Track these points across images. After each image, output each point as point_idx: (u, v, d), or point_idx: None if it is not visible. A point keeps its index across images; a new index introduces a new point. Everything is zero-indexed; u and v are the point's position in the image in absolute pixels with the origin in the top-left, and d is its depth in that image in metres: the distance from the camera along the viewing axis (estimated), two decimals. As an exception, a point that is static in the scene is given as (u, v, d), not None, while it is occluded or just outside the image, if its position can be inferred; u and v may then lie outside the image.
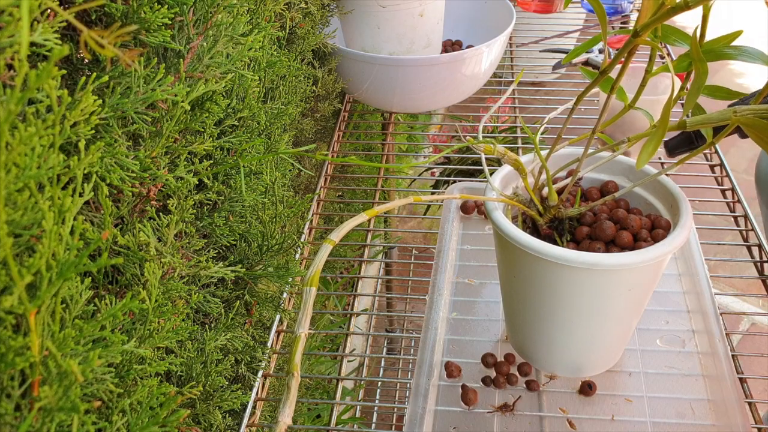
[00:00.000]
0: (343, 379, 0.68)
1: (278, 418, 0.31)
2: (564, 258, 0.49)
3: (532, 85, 1.25)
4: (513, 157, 0.52)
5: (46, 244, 0.29)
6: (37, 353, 0.29)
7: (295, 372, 0.33)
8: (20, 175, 0.27)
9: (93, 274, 0.40)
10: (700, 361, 0.61)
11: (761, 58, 0.44)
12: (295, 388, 0.33)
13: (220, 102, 0.46)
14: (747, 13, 2.73)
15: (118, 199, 0.41)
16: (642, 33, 0.43)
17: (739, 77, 2.49)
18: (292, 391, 0.32)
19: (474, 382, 0.61)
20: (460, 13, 0.73)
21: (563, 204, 0.55)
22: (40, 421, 0.30)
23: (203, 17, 0.44)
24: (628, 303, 0.54)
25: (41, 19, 0.32)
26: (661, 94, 0.78)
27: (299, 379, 0.33)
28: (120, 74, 0.38)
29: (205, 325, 0.55)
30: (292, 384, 0.33)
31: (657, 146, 0.45)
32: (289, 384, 0.33)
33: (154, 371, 0.40)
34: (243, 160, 0.51)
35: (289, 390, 0.32)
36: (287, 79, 0.69)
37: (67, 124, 0.32)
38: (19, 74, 0.25)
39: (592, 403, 0.58)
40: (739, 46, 0.46)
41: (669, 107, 0.45)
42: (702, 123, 0.48)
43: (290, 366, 0.33)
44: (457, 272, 0.72)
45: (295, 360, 0.33)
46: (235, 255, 0.56)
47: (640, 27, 0.42)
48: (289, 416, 0.31)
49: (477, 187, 0.80)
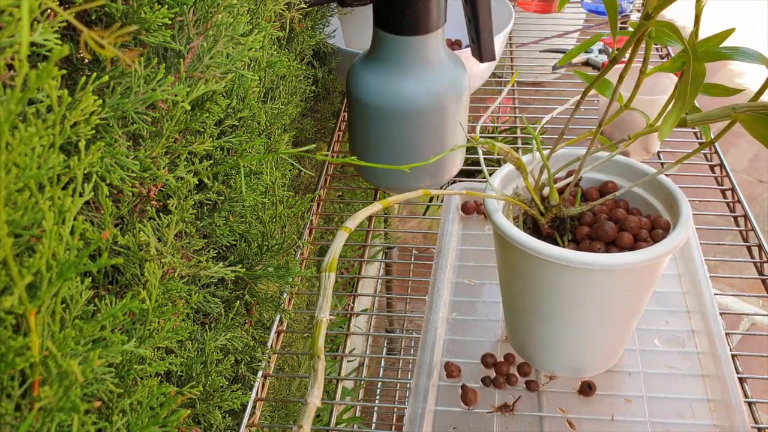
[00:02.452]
0: (343, 379, 0.68)
1: (307, 400, 0.32)
2: (564, 258, 0.49)
3: (532, 85, 1.25)
4: (515, 155, 0.52)
5: (46, 244, 0.29)
6: (37, 353, 0.29)
7: (321, 355, 0.34)
8: (20, 175, 0.27)
9: (93, 274, 0.40)
10: (700, 361, 0.61)
11: (759, 58, 0.44)
12: (322, 370, 0.33)
13: (220, 102, 0.46)
14: (747, 13, 2.73)
15: (118, 199, 0.41)
16: (653, 15, 0.42)
17: (739, 77, 2.49)
18: (319, 373, 0.33)
19: (474, 383, 0.61)
20: (460, 13, 0.73)
21: (564, 204, 0.55)
22: (40, 421, 0.30)
23: (203, 17, 0.44)
24: (628, 303, 0.54)
25: (41, 19, 0.32)
26: (660, 94, 0.78)
27: (324, 362, 0.34)
28: (120, 74, 0.38)
29: (205, 325, 0.55)
30: (318, 366, 0.33)
31: (678, 118, 0.46)
32: (315, 367, 0.33)
33: (154, 371, 0.40)
34: (243, 160, 0.51)
35: (316, 372, 0.33)
36: (287, 79, 0.70)
37: (67, 124, 0.32)
38: (20, 74, 0.25)
39: (591, 403, 0.58)
40: (736, 47, 0.46)
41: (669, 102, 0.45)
42: (702, 120, 0.48)
43: (315, 350, 0.34)
44: (457, 272, 0.72)
45: (318, 344, 0.34)
46: (235, 255, 0.56)
47: (651, 9, 0.42)
48: (317, 397, 0.32)
49: (477, 187, 0.80)
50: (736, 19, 2.66)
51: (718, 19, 0.49)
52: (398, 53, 0.70)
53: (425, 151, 0.74)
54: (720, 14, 1.66)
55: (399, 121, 0.72)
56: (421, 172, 0.77)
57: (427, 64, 0.71)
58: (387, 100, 0.71)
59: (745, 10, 2.73)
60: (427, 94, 0.71)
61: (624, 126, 0.81)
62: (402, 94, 0.71)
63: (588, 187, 0.60)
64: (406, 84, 0.71)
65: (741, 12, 2.70)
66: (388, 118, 0.72)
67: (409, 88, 0.71)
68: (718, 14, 1.49)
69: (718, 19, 0.48)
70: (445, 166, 0.79)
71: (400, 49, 0.70)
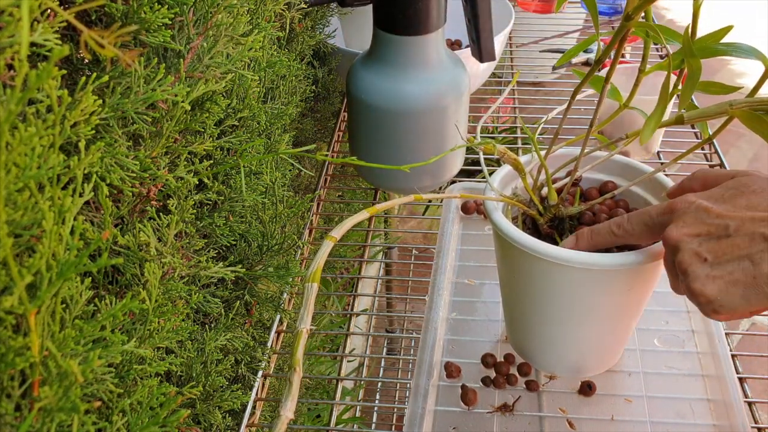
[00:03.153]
0: (343, 379, 0.68)
1: (280, 412, 0.32)
2: (564, 258, 0.49)
3: (532, 85, 1.25)
4: (512, 156, 0.52)
5: (46, 244, 0.29)
6: (37, 353, 0.29)
7: (297, 367, 0.33)
8: (20, 175, 0.27)
9: (93, 274, 0.40)
10: (700, 361, 0.61)
11: (754, 53, 0.44)
12: (297, 382, 0.33)
13: (220, 102, 0.46)
14: (747, 13, 2.73)
15: (118, 199, 0.41)
16: (634, 15, 0.43)
17: (739, 77, 2.49)
18: (293, 385, 0.33)
19: (474, 383, 0.61)
20: (460, 13, 0.73)
21: (563, 203, 0.55)
22: (41, 421, 0.30)
23: (203, 17, 0.44)
24: (628, 303, 0.54)
25: (41, 19, 0.32)
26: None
27: (301, 374, 0.33)
28: (120, 74, 0.38)
29: (205, 325, 0.55)
30: (294, 379, 0.33)
31: (659, 121, 0.46)
32: (290, 378, 0.33)
33: (154, 371, 0.40)
34: (243, 160, 0.51)
35: (291, 384, 0.33)
36: (287, 79, 0.69)
37: (67, 124, 0.32)
38: (20, 74, 0.25)
39: (591, 403, 0.58)
40: (732, 43, 0.46)
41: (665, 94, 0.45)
42: (699, 117, 0.48)
43: (292, 361, 0.34)
44: (456, 272, 0.72)
45: (297, 355, 0.34)
46: (235, 255, 0.56)
47: (631, 9, 0.42)
48: (290, 410, 0.32)
49: (477, 187, 0.80)
50: (736, 19, 2.66)
51: (718, 19, 0.49)
52: (398, 53, 0.70)
53: (425, 151, 0.74)
54: (720, 14, 1.66)
55: (399, 121, 0.72)
56: (421, 172, 0.77)
57: (427, 64, 0.71)
58: (387, 100, 0.71)
59: (745, 10, 2.73)
60: (427, 94, 0.71)
61: (624, 126, 0.81)
62: (402, 94, 0.71)
63: (588, 187, 0.60)
64: (406, 84, 0.71)
65: (741, 12, 2.70)
66: (388, 118, 0.72)
67: (409, 88, 0.71)
68: (718, 14, 1.49)
69: (718, 19, 0.48)
70: (445, 165, 0.79)
71: (400, 49, 0.70)
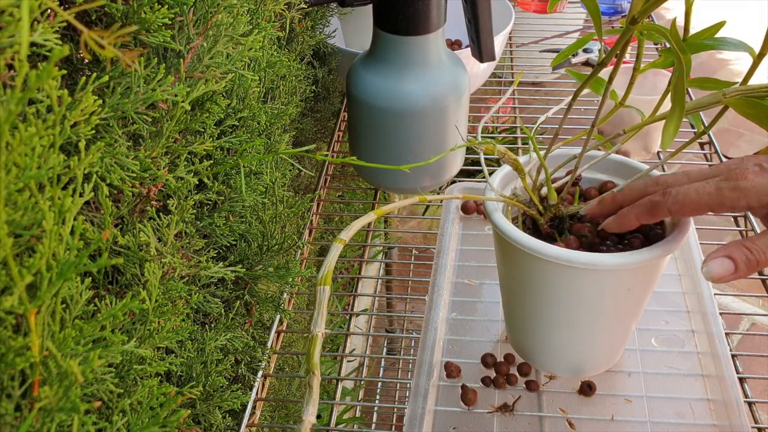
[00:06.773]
0: (343, 379, 0.68)
1: (303, 417, 0.32)
2: (563, 258, 0.49)
3: (532, 85, 1.25)
4: (512, 156, 0.52)
5: (46, 245, 0.29)
6: (37, 353, 0.30)
7: (315, 371, 0.34)
8: (20, 175, 0.27)
9: (93, 274, 0.40)
10: (700, 361, 0.61)
11: (743, 46, 0.45)
12: (317, 387, 0.33)
13: (220, 102, 0.46)
14: (747, 13, 2.73)
15: (118, 199, 0.41)
16: (639, 19, 0.43)
17: (739, 77, 2.49)
18: (314, 390, 0.33)
19: (474, 383, 0.61)
20: (460, 13, 0.73)
21: (562, 203, 0.55)
22: (41, 421, 0.30)
23: (203, 17, 0.44)
24: (628, 303, 0.54)
25: (41, 20, 0.32)
26: (661, 93, 0.78)
27: (320, 377, 0.34)
28: (120, 74, 0.38)
29: (205, 325, 0.55)
30: (313, 383, 0.33)
31: (678, 125, 0.46)
32: (310, 383, 0.33)
33: (154, 371, 0.40)
34: (243, 160, 0.51)
35: (311, 389, 0.33)
36: (287, 79, 0.70)
37: (67, 125, 0.32)
38: (20, 74, 0.25)
39: (591, 403, 0.58)
40: (720, 38, 0.46)
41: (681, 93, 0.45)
42: (694, 108, 0.48)
43: (310, 365, 0.34)
44: (456, 272, 0.72)
45: (314, 359, 0.34)
46: (235, 255, 0.56)
47: (637, 13, 0.43)
48: (312, 414, 0.32)
49: (477, 187, 0.80)
50: (736, 18, 2.66)
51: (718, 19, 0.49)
52: (398, 53, 0.70)
53: (425, 151, 0.74)
54: (720, 14, 1.67)
55: (399, 121, 0.72)
56: (421, 172, 0.78)
57: (427, 64, 0.71)
58: (387, 100, 0.71)
59: (744, 11, 2.73)
60: (427, 94, 0.71)
61: (623, 125, 0.81)
62: (402, 94, 0.71)
63: (588, 187, 0.60)
64: (406, 84, 0.71)
65: (740, 12, 2.71)
66: (388, 118, 0.72)
67: (409, 88, 0.71)
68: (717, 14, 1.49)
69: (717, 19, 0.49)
70: (445, 166, 0.79)
71: (400, 49, 0.70)
